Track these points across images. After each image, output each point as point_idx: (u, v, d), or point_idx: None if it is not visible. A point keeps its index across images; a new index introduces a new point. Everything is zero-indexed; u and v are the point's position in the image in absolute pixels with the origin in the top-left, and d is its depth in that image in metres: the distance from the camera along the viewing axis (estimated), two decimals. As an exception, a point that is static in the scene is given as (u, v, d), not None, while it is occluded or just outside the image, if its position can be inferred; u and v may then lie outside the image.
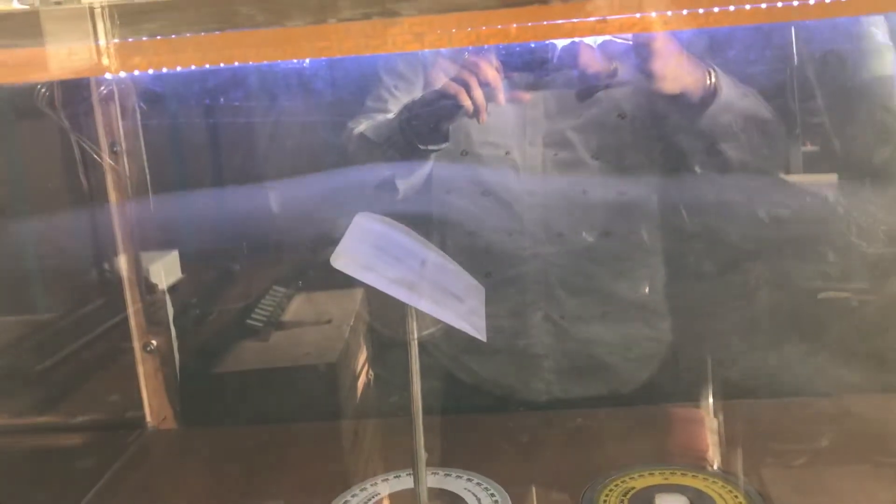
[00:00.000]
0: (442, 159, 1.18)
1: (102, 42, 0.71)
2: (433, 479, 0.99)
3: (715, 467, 1.01)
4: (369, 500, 0.98)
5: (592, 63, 1.02)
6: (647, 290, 1.27)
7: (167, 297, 1.31)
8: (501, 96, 1.04)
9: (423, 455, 0.90)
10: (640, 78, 1.03)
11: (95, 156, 1.24)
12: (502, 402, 1.28)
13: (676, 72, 1.02)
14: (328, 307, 1.64)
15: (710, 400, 1.18)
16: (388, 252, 0.87)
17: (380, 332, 1.46)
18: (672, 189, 1.21)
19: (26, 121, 1.40)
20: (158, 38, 0.67)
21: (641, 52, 0.99)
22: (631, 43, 0.97)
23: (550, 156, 1.19)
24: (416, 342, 0.88)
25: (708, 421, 1.16)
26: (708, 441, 1.11)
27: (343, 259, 0.82)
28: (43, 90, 1.24)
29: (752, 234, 1.24)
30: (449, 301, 0.86)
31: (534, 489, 0.99)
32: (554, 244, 1.22)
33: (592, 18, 0.62)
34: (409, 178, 1.19)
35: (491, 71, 1.03)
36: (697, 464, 1.01)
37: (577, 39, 0.99)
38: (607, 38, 0.97)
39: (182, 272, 1.54)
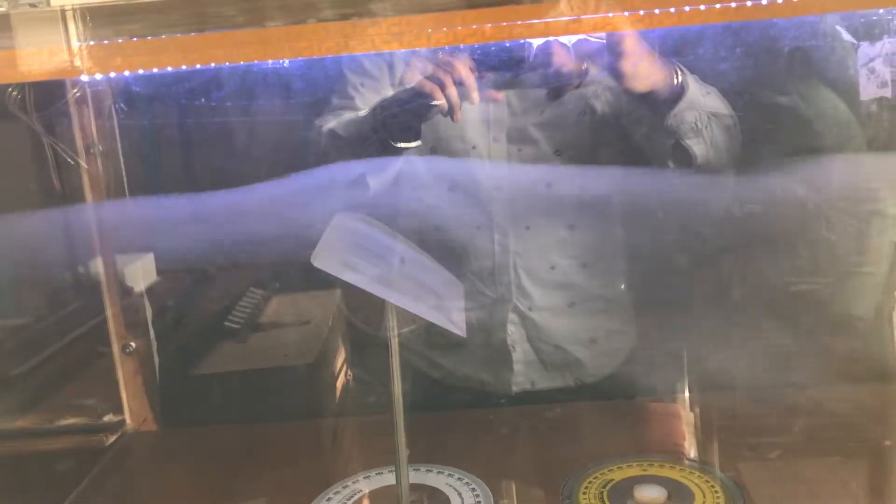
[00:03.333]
0: (410, 155, 1.19)
1: (78, 44, 0.71)
2: (414, 476, 1.00)
3: (691, 459, 1.03)
4: (351, 497, 0.98)
5: (564, 63, 1.04)
6: (612, 283, 1.29)
7: (145, 299, 1.31)
8: (476, 95, 1.06)
9: (404, 451, 0.91)
10: (610, 77, 1.05)
11: (69, 158, 1.24)
12: (473, 396, 1.29)
13: (646, 71, 1.04)
14: (306, 308, 1.64)
15: (685, 393, 1.20)
16: (368, 250, 0.88)
17: (358, 332, 1.46)
18: (635, 184, 1.22)
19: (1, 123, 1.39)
20: (138, 39, 0.67)
21: (611, 51, 1.01)
22: (604, 42, 0.99)
23: (514, 151, 1.21)
24: (396, 339, 0.89)
25: (683, 413, 1.18)
26: (684, 433, 1.13)
27: (323, 258, 0.83)
28: (14, 93, 1.23)
29: (717, 228, 1.26)
30: (428, 297, 0.87)
31: (514, 483, 1.00)
32: (521, 237, 1.23)
33: (565, 18, 0.64)
34: (381, 175, 1.21)
35: (465, 70, 1.04)
36: (674, 456, 1.03)
37: (549, 39, 1.01)
38: (581, 37, 0.98)
39: (157, 275, 1.54)
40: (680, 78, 1.07)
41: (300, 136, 1.42)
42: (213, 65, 0.66)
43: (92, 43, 0.71)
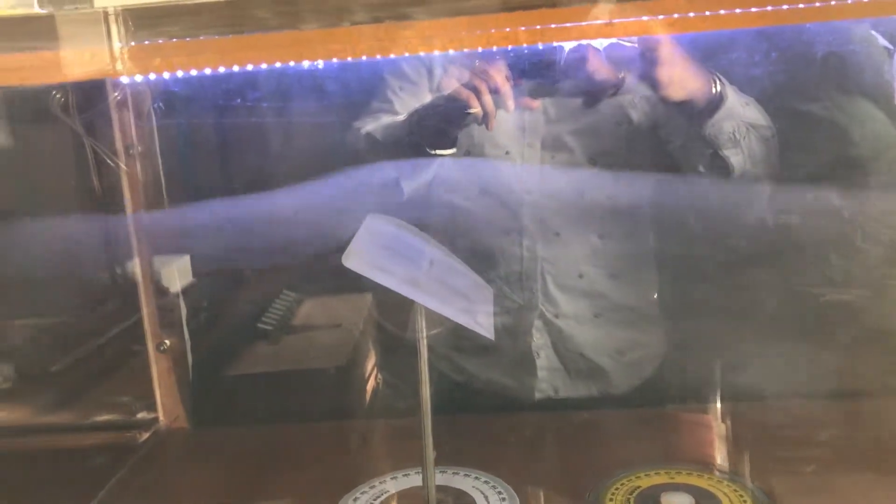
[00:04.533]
0: (444, 160, 1.20)
1: (119, 45, 0.72)
2: (441, 478, 1.01)
3: (720, 468, 1.02)
4: (378, 497, 0.99)
5: (600, 70, 1.03)
6: (641, 295, 1.28)
7: (181, 300, 1.33)
8: (511, 103, 1.06)
9: (431, 452, 0.92)
10: (646, 85, 1.04)
11: (109, 160, 1.26)
12: (496, 400, 1.29)
13: (682, 79, 1.03)
14: (338, 311, 1.65)
15: (715, 403, 1.19)
16: (398, 252, 0.89)
17: (388, 336, 1.47)
18: (669, 194, 1.22)
19: (43, 125, 1.42)
20: (176, 40, 0.68)
21: (648, 59, 1.00)
22: (637, 46, 0.99)
23: (548, 158, 1.21)
24: (425, 340, 0.90)
25: (712, 422, 1.17)
26: (714, 443, 1.12)
27: (354, 259, 0.84)
28: (58, 95, 1.26)
29: (751, 239, 1.25)
30: (456, 299, 0.88)
31: (540, 488, 1.00)
32: (550, 244, 1.23)
33: (599, 21, 0.64)
34: (414, 180, 1.21)
35: (501, 78, 1.04)
36: (703, 465, 1.02)
37: (587, 46, 1.01)
38: (614, 41, 0.98)
39: (193, 276, 1.57)
40: (718, 87, 1.06)
41: (336, 139, 1.44)
42: (249, 67, 0.67)
43: (133, 44, 0.72)
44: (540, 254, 1.23)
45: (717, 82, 1.06)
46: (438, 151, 1.15)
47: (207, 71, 0.77)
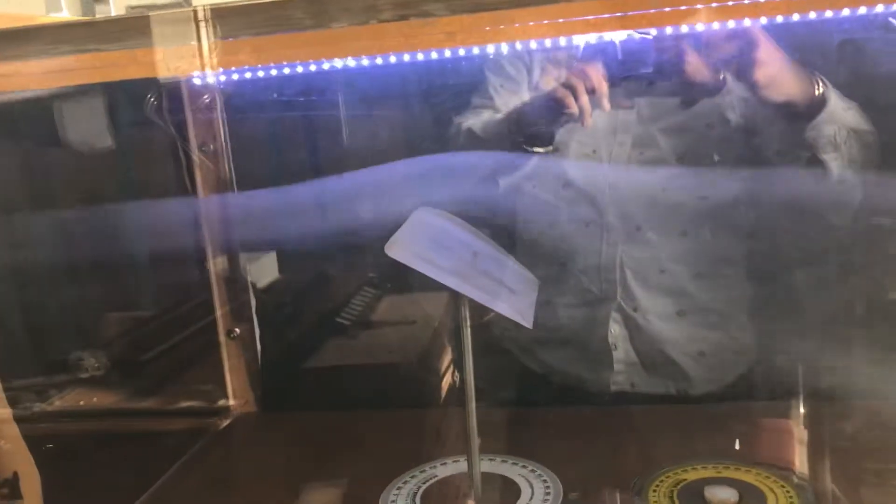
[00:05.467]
0: (533, 155, 1.21)
1: (207, 42, 0.77)
2: (490, 465, 1.04)
3: (774, 465, 1.00)
4: (426, 481, 1.02)
5: (701, 73, 1.03)
6: (727, 297, 1.25)
7: (251, 291, 1.39)
8: (607, 103, 1.07)
9: (475, 438, 0.94)
10: (745, 86, 1.04)
11: (198, 159, 1.33)
12: (571, 393, 1.29)
13: (782, 80, 1.02)
14: (414, 308, 1.69)
15: (791, 404, 1.17)
16: (443, 244, 0.92)
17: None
18: (760, 195, 1.19)
19: (140, 128, 1.51)
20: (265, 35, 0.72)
21: (747, 59, 1.00)
22: (653, 38, 0.98)
23: (636, 155, 1.20)
24: (468, 329, 0.92)
25: (776, 422, 1.15)
26: (773, 440, 1.10)
27: (397, 248, 0.87)
28: (152, 99, 1.33)
29: (842, 242, 1.21)
30: (498, 290, 0.90)
31: (588, 478, 1.01)
32: (631, 238, 1.23)
33: (608, 14, 0.65)
34: (511, 175, 1.23)
35: (598, 78, 1.06)
36: (756, 462, 1.01)
37: (687, 48, 1.00)
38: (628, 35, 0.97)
39: (279, 272, 1.64)
40: (821, 89, 1.05)
41: (424, 137, 1.47)
42: (284, 64, 0.71)
43: (220, 39, 0.76)
44: (620, 246, 1.23)
45: (819, 84, 1.05)
46: (536, 149, 1.17)
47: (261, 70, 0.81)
